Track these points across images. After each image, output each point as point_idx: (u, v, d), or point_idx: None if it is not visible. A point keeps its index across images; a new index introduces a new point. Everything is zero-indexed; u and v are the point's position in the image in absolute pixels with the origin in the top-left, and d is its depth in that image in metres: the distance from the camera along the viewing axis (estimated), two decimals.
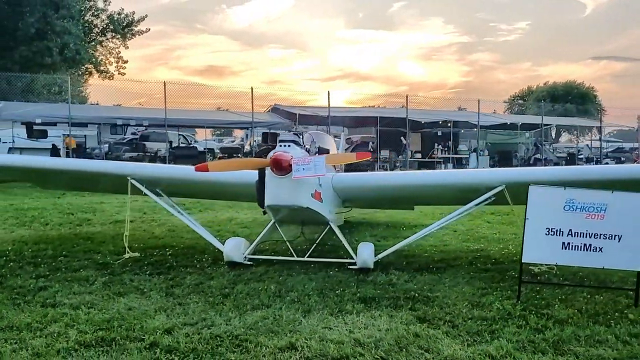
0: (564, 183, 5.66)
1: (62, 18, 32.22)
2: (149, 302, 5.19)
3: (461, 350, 4.17)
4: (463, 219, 10.61)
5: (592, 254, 5.35)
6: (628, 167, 8.93)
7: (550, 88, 60.83)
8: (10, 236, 8.46)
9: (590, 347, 4.30)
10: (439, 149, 26.26)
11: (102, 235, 8.66)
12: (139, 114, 22.66)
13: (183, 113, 22.20)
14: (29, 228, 9.21)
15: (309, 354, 4.01)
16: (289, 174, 5.69)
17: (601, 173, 6.48)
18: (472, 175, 7.57)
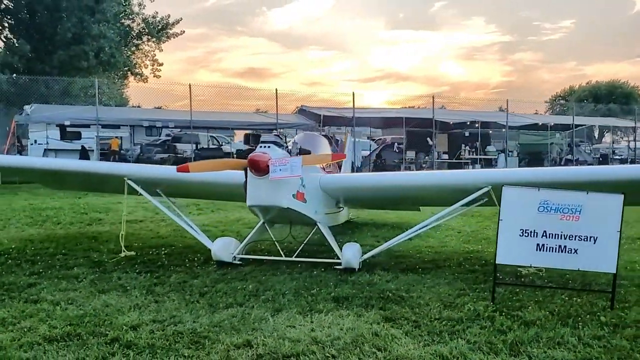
0: (549, 184, 5.59)
1: (98, 22, 33.28)
2: (128, 299, 5.39)
3: (415, 349, 4.19)
4: (472, 220, 10.62)
5: (567, 255, 5.28)
6: None
7: (593, 88, 59.27)
8: (19, 235, 8.87)
9: (548, 348, 4.26)
10: (466, 149, 25.92)
11: (108, 235, 8.97)
12: (166, 115, 23.20)
13: (209, 115, 22.63)
14: (40, 227, 9.63)
15: (261, 351, 4.11)
16: (267, 174, 5.81)
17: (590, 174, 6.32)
18: (459, 176, 7.53)
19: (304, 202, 6.36)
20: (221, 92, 27.05)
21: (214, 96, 25.95)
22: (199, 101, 22.28)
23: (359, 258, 6.60)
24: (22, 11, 34.16)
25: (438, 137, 25.45)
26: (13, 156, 11.55)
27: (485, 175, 6.61)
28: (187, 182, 7.21)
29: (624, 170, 6.38)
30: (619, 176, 5.91)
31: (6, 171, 9.24)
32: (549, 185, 5.51)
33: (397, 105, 35.30)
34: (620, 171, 6.32)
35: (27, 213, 11.01)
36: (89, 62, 33.55)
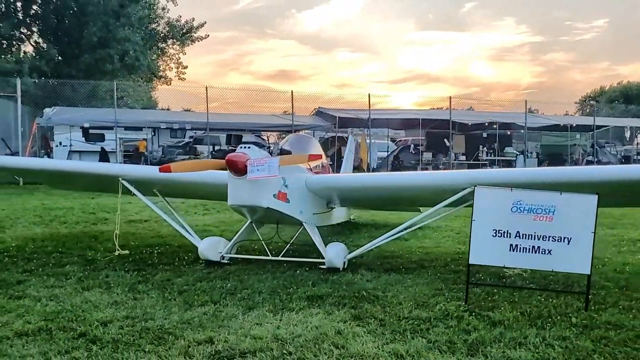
0: (527, 185, 5.55)
1: (123, 26, 34.01)
2: (109, 296, 5.55)
3: (373, 347, 4.23)
4: None
5: (541, 256, 5.24)
6: None
7: (624, 88, 57.97)
8: (24, 233, 9.17)
9: (507, 348, 4.25)
10: (483, 151, 25.64)
11: (109, 234, 9.08)
12: (184, 117, 23.61)
13: (226, 117, 22.92)
14: (46, 226, 9.94)
15: (220, 347, 4.20)
16: (246, 174, 5.92)
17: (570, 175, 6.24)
18: (443, 176, 7.50)
19: (287, 202, 6.45)
20: (250, 94, 27.30)
21: (244, 98, 26.23)
22: (229, 103, 22.62)
23: (343, 258, 6.65)
24: (50, 16, 35.16)
25: (456, 138, 25.24)
26: (11, 157, 11.93)
27: (468, 176, 6.59)
28: (181, 182, 7.35)
29: (597, 171, 6.28)
30: (592, 177, 5.83)
31: (6, 172, 9.53)
32: (527, 186, 5.47)
33: (426, 106, 35.05)
34: (593, 172, 6.23)
35: (38, 212, 11.37)
36: (113, 65, 34.33)
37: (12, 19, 33.47)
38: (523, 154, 26.26)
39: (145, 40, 36.92)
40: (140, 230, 9.76)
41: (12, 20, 33.53)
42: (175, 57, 43.19)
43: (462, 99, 56.09)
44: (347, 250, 6.81)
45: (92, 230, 9.68)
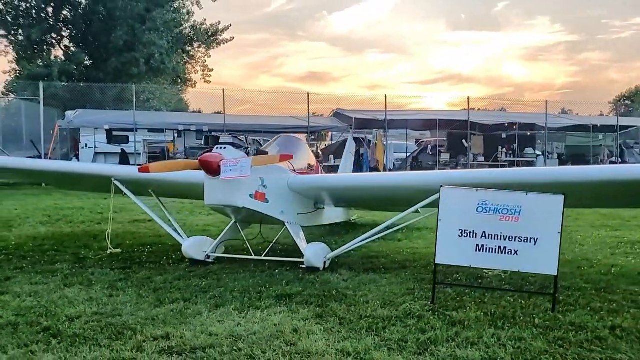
0: (499, 185, 5.51)
1: (149, 30, 34.74)
2: (86, 293, 5.73)
3: (323, 346, 4.27)
4: None
5: (508, 256, 5.21)
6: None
7: None
8: (28, 232, 9.52)
9: (458, 348, 4.25)
10: (502, 152, 25.24)
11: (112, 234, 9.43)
12: (200, 120, 24.00)
13: (241, 119, 23.19)
14: (52, 226, 10.28)
15: (174, 343, 4.31)
16: (220, 175, 6.04)
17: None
18: (418, 177, 7.47)
19: (265, 202, 6.54)
20: (281, 96, 27.50)
21: (275, 100, 26.47)
22: (260, 105, 22.87)
23: (323, 257, 6.70)
24: (79, 21, 36.18)
25: (474, 139, 24.93)
26: (6, 157, 12.36)
27: (438, 177, 6.56)
28: (173, 183, 7.53)
29: (563, 172, 6.19)
30: (558, 178, 5.75)
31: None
32: (495, 187, 5.42)
33: (457, 107, 34.73)
34: (559, 173, 6.13)
35: (48, 212, 11.77)
36: (139, 68, 35.06)
37: (43, 25, 34.60)
38: (544, 154, 25.74)
39: (171, 44, 37.56)
40: (141, 230, 10.01)
41: (43, 26, 34.66)
42: (201, 60, 43.87)
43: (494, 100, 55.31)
44: (328, 250, 6.86)
45: (95, 229, 9.97)
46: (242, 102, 34.90)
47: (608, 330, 4.71)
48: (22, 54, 35.36)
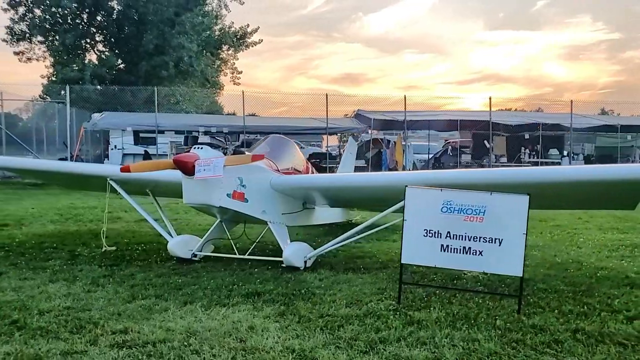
0: (464, 186, 5.46)
1: (178, 34, 35.47)
2: (67, 288, 5.92)
3: (273, 342, 4.33)
4: None
5: (473, 257, 5.16)
6: None
7: None
8: (36, 230, 9.88)
9: (407, 347, 4.26)
10: (525, 152, 24.71)
11: (113, 232, 9.74)
12: (221, 121, 24.40)
13: (260, 120, 23.42)
14: (61, 224, 10.63)
15: (129, 337, 4.43)
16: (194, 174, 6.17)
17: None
18: (387, 178, 7.41)
19: (245, 201, 6.63)
20: (316, 98, 27.68)
21: (311, 102, 26.69)
22: (296, 107, 23.08)
23: (303, 257, 6.75)
24: (112, 26, 37.24)
25: (496, 139, 24.49)
26: (7, 157, 12.85)
27: (407, 178, 6.50)
28: (167, 182, 7.71)
29: (528, 173, 6.05)
30: (522, 179, 5.64)
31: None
32: (461, 187, 5.37)
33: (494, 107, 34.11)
34: (524, 173, 6.00)
35: (61, 211, 12.17)
36: (168, 71, 35.83)
37: (77, 30, 35.77)
38: (569, 155, 25.06)
39: (201, 47, 38.22)
40: (143, 229, 10.24)
41: (77, 31, 35.83)
42: (229, 62, 44.52)
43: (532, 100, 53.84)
44: (309, 250, 6.90)
45: (99, 228, 10.22)
46: (279, 105, 35.05)
47: (570, 333, 4.63)
48: (58, 59, 36.64)
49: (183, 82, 39.48)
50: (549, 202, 6.30)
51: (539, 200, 5.34)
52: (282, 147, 7.76)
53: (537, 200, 5.10)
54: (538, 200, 5.20)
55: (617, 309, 5.31)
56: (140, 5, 35.48)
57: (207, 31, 38.31)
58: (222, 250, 7.72)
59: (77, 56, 36.99)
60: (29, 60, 37.81)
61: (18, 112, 33.26)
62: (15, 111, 32.50)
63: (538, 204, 5.76)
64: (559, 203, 6.80)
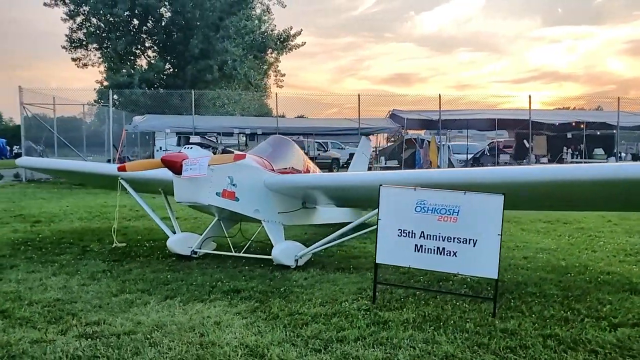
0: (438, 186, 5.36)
1: (222, 38, 36.28)
2: (65, 282, 6.19)
3: (231, 338, 4.41)
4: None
5: (446, 258, 5.06)
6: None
7: None
8: (62, 227, 10.35)
9: (362, 347, 4.26)
10: (568, 152, 23.74)
11: (127, 229, 10.12)
12: (255, 123, 24.84)
13: (293, 121, 23.61)
14: (87, 222, 11.07)
15: (98, 328, 4.61)
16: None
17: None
18: (362, 177, 7.27)
19: (235, 200, 6.74)
20: (367, 99, 27.75)
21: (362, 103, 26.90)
22: (347, 108, 23.31)
23: (294, 255, 6.79)
24: (160, 32, 38.51)
25: (536, 139, 23.67)
26: (32, 158, 13.50)
27: (381, 177, 6.41)
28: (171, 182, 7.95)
29: (502, 172, 5.80)
30: (497, 179, 5.45)
31: None
32: (436, 187, 5.28)
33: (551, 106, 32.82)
34: (498, 173, 5.76)
35: (91, 210, 12.70)
36: (213, 75, 36.68)
37: (128, 37, 37.23)
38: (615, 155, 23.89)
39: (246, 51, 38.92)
40: (155, 227, 10.55)
41: (128, 38, 37.29)
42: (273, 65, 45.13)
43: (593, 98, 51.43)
44: (301, 248, 6.93)
45: (120, 225, 10.64)
46: (330, 106, 34.91)
47: (541, 338, 4.48)
48: (111, 65, 38.26)
49: (228, 86, 40.36)
50: (526, 202, 6.07)
51: (516, 200, 5.17)
52: (281, 147, 7.84)
53: (530, 201, 4.93)
54: (515, 200, 5.02)
55: (604, 315, 5.08)
56: (187, 11, 36.52)
57: (250, 35, 38.86)
58: (225, 248, 7.86)
59: (128, 62, 38.45)
60: (85, 66, 39.65)
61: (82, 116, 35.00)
62: (80, 115, 34.35)
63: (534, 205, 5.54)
64: (535, 203, 6.54)
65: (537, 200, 5.99)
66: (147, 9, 36.40)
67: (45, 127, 22.88)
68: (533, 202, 6.12)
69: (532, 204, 6.79)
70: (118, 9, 34.50)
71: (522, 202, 6.04)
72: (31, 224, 10.75)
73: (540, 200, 5.93)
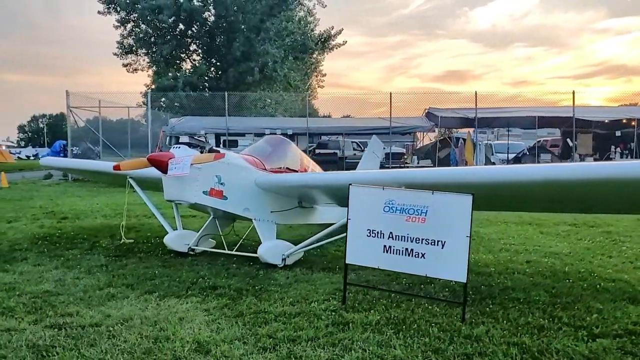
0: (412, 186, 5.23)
1: (262, 40, 36.73)
2: (62, 275, 6.44)
3: (187, 333, 4.49)
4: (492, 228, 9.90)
5: (415, 259, 4.94)
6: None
7: None
8: (84, 223, 10.77)
9: (311, 347, 4.22)
10: (616, 151, 22.55)
11: (147, 227, 10.41)
12: (285, 124, 25.06)
13: (325, 121, 23.57)
14: (108, 219, 11.48)
15: (69, 320, 4.78)
16: None
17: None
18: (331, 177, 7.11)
19: (223, 199, 6.81)
20: (419, 97, 27.51)
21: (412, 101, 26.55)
22: (396, 107, 23.27)
23: (281, 254, 6.78)
24: (204, 36, 39.43)
25: (581, 137, 22.63)
26: (52, 157, 14.03)
27: (350, 177, 6.28)
28: None
29: (471, 172, 5.53)
30: (465, 178, 5.23)
31: None
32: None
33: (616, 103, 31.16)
34: (466, 173, 5.50)
35: (116, 207, 13.12)
36: (253, 77, 37.10)
37: (173, 42, 38.31)
38: None
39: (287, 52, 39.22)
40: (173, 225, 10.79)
41: (174, 43, 38.37)
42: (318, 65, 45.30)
43: None
44: (288, 247, 6.91)
45: (136, 222, 10.97)
46: (380, 105, 34.30)
47: (505, 346, 4.30)
48: (158, 69, 39.51)
49: (269, 87, 40.69)
50: (498, 203, 5.81)
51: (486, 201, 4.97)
52: (276, 146, 7.87)
53: (505, 201, 4.74)
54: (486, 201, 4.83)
55: (586, 324, 4.81)
56: (230, 15, 37.21)
57: (291, 36, 39.06)
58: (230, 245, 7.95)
59: (173, 66, 39.53)
60: (135, 71, 41.12)
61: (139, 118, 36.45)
62: (137, 117, 35.88)
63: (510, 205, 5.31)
64: (507, 204, 6.24)
65: (512, 201, 5.74)
66: (191, 14, 37.29)
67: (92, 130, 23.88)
68: (508, 202, 5.87)
69: (507, 205, 6.51)
70: (164, 15, 35.54)
71: (496, 203, 5.80)
72: (58, 220, 11.25)
73: (515, 200, 5.68)
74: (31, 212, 12.26)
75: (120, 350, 4.15)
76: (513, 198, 5.47)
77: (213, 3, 38.22)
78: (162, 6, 35.38)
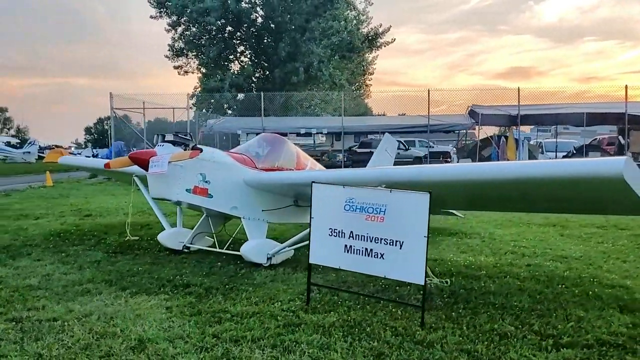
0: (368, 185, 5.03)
1: (307, 40, 36.80)
2: (55, 269, 6.61)
3: (134, 330, 4.49)
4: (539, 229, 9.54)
5: (374, 260, 4.75)
6: None
7: None
8: (103, 221, 11.08)
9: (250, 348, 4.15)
10: None
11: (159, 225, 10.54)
12: (321, 123, 24.95)
13: (359, 120, 23.30)
14: (127, 216, 11.78)
15: (32, 314, 4.89)
16: None
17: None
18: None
19: (208, 197, 6.80)
20: (480, 94, 26.91)
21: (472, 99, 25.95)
22: (455, 105, 22.80)
23: (266, 253, 6.71)
24: (251, 38, 39.97)
25: (635, 135, 21.30)
26: (68, 157, 14.46)
27: (313, 175, 6.09)
28: None
29: (427, 170, 5.16)
30: (421, 177, 4.92)
31: None
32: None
33: None
34: (422, 171, 5.15)
35: (140, 206, 13.41)
36: (299, 77, 37.24)
37: (221, 44, 39.07)
38: None
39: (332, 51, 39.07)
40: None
41: (221, 45, 39.12)
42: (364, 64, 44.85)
43: None
44: (273, 246, 6.82)
45: (149, 220, 11.17)
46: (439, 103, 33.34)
47: (455, 353, 4.05)
48: (206, 71, 40.40)
49: (316, 87, 40.68)
50: (460, 202, 5.46)
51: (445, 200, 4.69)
52: (270, 145, 7.79)
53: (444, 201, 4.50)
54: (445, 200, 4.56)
55: (557, 333, 4.49)
56: (277, 16, 37.55)
57: (337, 35, 38.87)
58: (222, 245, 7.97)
59: (221, 67, 40.24)
60: (185, 73, 42.21)
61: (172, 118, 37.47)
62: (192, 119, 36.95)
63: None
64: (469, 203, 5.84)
65: (472, 200, 5.40)
66: (239, 16, 37.89)
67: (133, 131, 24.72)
68: (469, 201, 5.53)
69: (469, 204, 6.15)
70: (211, 17, 36.28)
71: (456, 202, 5.48)
72: (81, 217, 11.66)
73: (476, 199, 5.34)
74: (60, 210, 12.77)
75: (62, 345, 4.20)
76: (476, 197, 5.16)
77: (261, 4, 38.73)
78: (210, 8, 36.13)
